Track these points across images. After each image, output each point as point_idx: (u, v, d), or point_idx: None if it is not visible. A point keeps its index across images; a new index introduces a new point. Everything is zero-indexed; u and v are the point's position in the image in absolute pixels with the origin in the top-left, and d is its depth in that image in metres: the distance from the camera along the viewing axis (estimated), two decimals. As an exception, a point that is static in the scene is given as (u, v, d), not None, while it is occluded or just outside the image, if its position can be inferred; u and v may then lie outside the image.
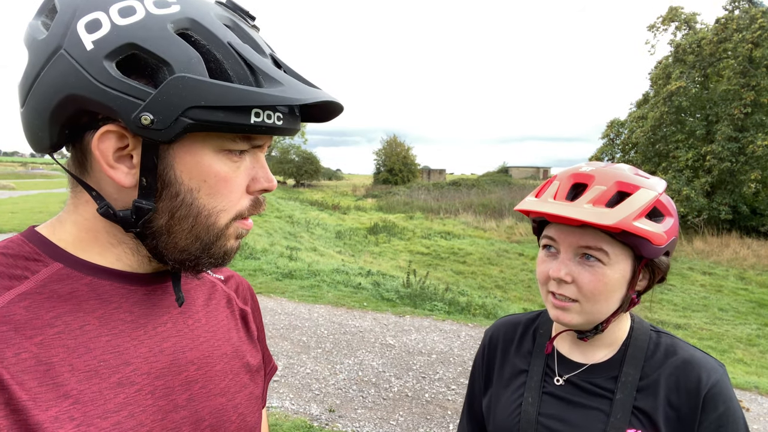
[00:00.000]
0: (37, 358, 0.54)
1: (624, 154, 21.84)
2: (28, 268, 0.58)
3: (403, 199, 29.78)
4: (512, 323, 1.13)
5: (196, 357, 0.68)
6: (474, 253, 15.76)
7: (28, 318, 0.55)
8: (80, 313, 0.58)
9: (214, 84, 0.54)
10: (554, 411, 0.94)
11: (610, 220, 0.81)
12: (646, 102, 21.68)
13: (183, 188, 0.58)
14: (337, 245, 15.79)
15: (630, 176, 0.89)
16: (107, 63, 0.53)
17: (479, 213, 22.80)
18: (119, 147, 0.57)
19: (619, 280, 0.88)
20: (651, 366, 0.91)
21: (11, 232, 10.49)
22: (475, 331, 5.95)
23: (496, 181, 37.08)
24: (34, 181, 32.88)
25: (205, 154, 0.58)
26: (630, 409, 0.88)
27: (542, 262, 0.94)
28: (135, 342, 0.62)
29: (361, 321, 6.14)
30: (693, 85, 19.24)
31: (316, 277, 8.25)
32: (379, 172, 47.27)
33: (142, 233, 0.60)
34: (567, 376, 0.97)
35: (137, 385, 0.60)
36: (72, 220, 0.62)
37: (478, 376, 1.13)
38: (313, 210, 24.18)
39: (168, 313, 0.67)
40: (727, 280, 12.80)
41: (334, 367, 4.74)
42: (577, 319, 0.90)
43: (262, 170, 0.65)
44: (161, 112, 0.53)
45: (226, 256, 0.65)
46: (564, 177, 0.92)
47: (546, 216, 0.89)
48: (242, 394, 0.74)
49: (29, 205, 15.74)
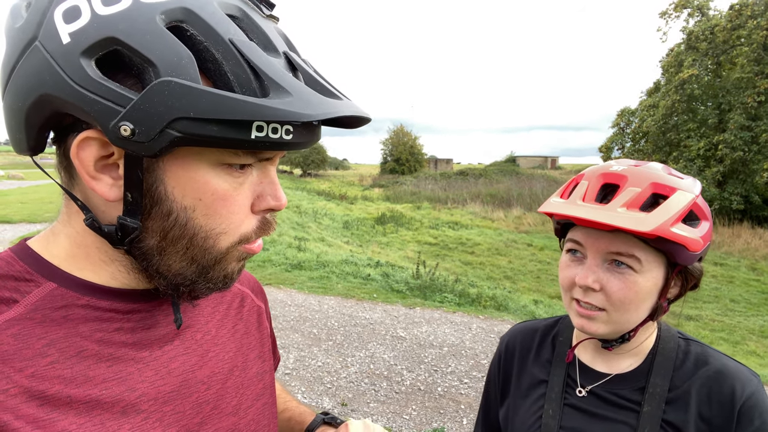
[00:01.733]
0: (29, 393, 0.48)
1: (634, 143, 21.65)
2: (18, 290, 0.52)
3: (410, 189, 29.71)
4: (529, 330, 1.07)
5: (206, 375, 0.63)
6: (482, 243, 15.70)
7: (17, 348, 0.49)
8: (76, 338, 0.53)
9: (205, 92, 0.45)
10: (576, 424, 0.90)
11: (647, 227, 0.75)
12: (657, 90, 21.43)
13: (176, 206, 0.51)
14: (344, 235, 15.78)
15: (665, 177, 0.83)
16: (85, 60, 0.45)
17: (487, 203, 22.71)
18: (103, 155, 0.49)
19: (650, 289, 0.83)
20: (680, 376, 0.86)
21: (21, 222, 10.55)
22: (486, 324, 5.91)
23: (503, 170, 36.91)
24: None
25: (200, 168, 0.50)
26: (659, 423, 0.83)
27: (566, 267, 0.89)
28: (140, 365, 0.56)
29: (371, 313, 6.12)
30: (705, 73, 18.99)
31: (325, 268, 8.24)
32: (386, 161, 47.19)
33: (131, 252, 0.54)
34: (590, 387, 0.92)
35: (143, 413, 0.55)
36: (65, 233, 0.56)
37: (493, 385, 1.09)
38: (320, 200, 24.17)
39: (174, 329, 0.62)
40: (739, 270, 12.68)
41: (346, 359, 4.73)
42: (604, 328, 0.85)
43: (270, 186, 0.57)
44: (143, 122, 0.45)
45: (227, 279, 0.58)
46: (593, 177, 0.86)
47: (575, 220, 0.84)
48: (254, 408, 0.69)
49: (39, 196, 15.81)
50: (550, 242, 16.04)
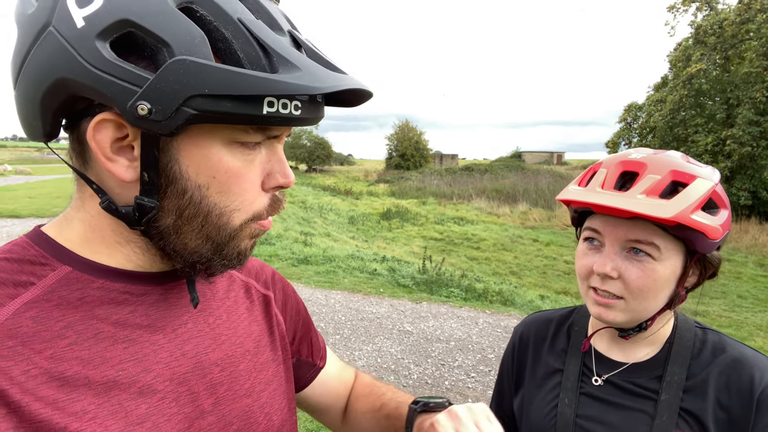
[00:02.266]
0: (49, 374, 0.49)
1: (641, 138, 21.50)
2: (33, 273, 0.53)
3: (416, 185, 29.67)
4: (544, 320, 1.08)
5: (219, 357, 0.64)
6: (488, 238, 15.68)
7: (36, 330, 0.50)
8: (93, 320, 0.54)
9: (219, 69, 0.46)
10: (593, 413, 0.90)
11: (667, 213, 0.76)
12: (664, 85, 21.25)
13: (190, 185, 0.52)
14: (350, 231, 15.80)
15: (685, 165, 0.83)
16: (100, 43, 0.46)
17: (492, 198, 22.66)
18: (118, 137, 0.51)
19: (669, 277, 0.83)
20: (698, 365, 0.86)
21: (30, 217, 10.63)
22: (493, 318, 5.92)
23: (509, 166, 36.81)
24: (50, 166, 33.25)
25: (214, 146, 0.52)
26: (677, 411, 0.83)
27: (584, 256, 0.89)
28: (154, 347, 0.57)
29: (377, 307, 6.14)
30: (714, 67, 18.80)
31: (332, 262, 8.26)
32: (391, 157, 47.15)
33: (148, 232, 0.55)
34: (606, 376, 0.92)
35: (160, 393, 0.56)
36: (79, 218, 0.57)
37: (507, 375, 1.09)
38: (326, 195, 24.19)
39: (187, 312, 0.63)
40: (746, 266, 12.61)
41: (353, 353, 4.75)
42: (621, 317, 0.85)
43: (278, 164, 0.58)
44: (160, 101, 0.46)
45: (240, 256, 0.59)
46: (612, 164, 0.86)
47: (594, 207, 0.84)
48: (267, 392, 0.70)
49: (47, 190, 15.92)
50: (555, 238, 16.00)
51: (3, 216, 10.89)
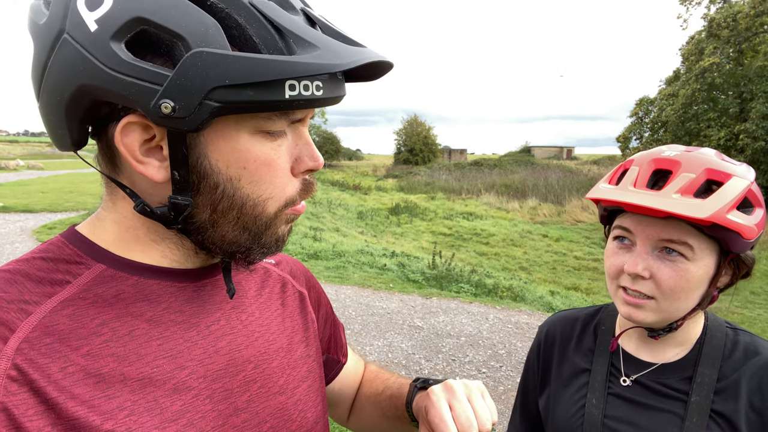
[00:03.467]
0: (86, 371, 0.50)
1: (653, 132, 21.30)
2: (69, 272, 0.54)
3: (424, 180, 29.63)
4: (570, 319, 1.06)
5: (252, 355, 0.64)
6: (497, 234, 15.63)
7: (72, 327, 0.51)
8: (128, 317, 0.54)
9: (238, 57, 0.46)
10: (621, 413, 0.89)
11: (703, 213, 0.74)
12: (676, 79, 21.02)
13: (222, 178, 0.52)
14: (359, 226, 15.81)
15: (720, 163, 0.81)
16: (115, 45, 0.45)
17: (502, 194, 22.57)
18: (146, 139, 0.51)
19: (701, 277, 0.81)
20: (729, 366, 0.85)
21: (43, 212, 10.74)
22: (503, 314, 5.90)
23: (518, 161, 36.62)
24: (62, 161, 33.56)
25: (241, 137, 0.52)
26: (707, 412, 0.82)
27: (613, 255, 0.88)
28: (188, 344, 0.58)
29: (387, 302, 6.15)
30: (727, 61, 18.56)
31: (341, 258, 8.28)
32: (400, 152, 47.06)
33: (185, 229, 0.55)
34: (635, 377, 0.91)
35: (194, 390, 0.56)
36: (111, 219, 0.58)
37: (532, 373, 1.08)
38: (335, 190, 24.21)
39: (220, 309, 0.63)
40: (759, 262, 12.47)
41: (364, 348, 4.76)
42: (652, 317, 0.84)
43: (306, 147, 0.58)
44: (182, 98, 0.46)
45: (279, 243, 0.60)
46: (644, 162, 0.84)
47: (627, 206, 0.82)
48: (301, 389, 0.70)
49: (59, 185, 16.07)
50: (565, 233, 15.92)
51: (16, 210, 10.99)
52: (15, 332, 0.48)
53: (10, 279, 0.52)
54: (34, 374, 0.47)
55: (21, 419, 0.45)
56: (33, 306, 0.51)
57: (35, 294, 0.52)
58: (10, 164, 24.73)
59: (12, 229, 9.08)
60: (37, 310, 0.50)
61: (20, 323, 0.49)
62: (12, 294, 0.51)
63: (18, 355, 0.47)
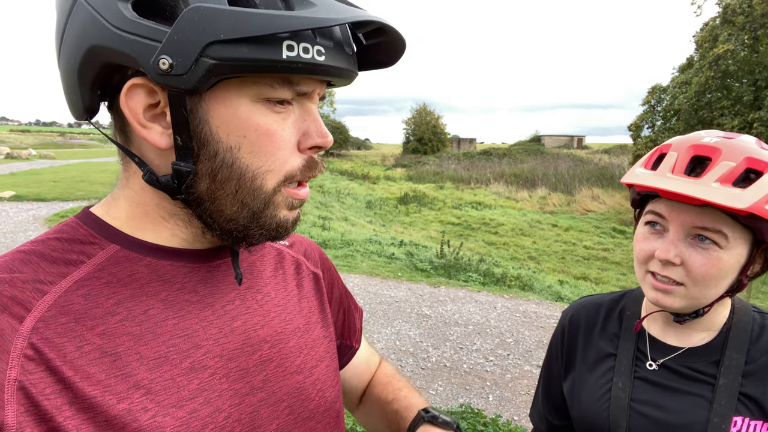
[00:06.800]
0: (102, 350, 0.50)
1: (665, 121, 21.03)
2: (83, 252, 0.54)
3: (433, 169, 29.57)
4: (594, 304, 1.06)
5: (268, 334, 0.64)
6: (506, 223, 15.59)
7: (87, 307, 0.51)
8: (143, 297, 0.54)
9: (233, 11, 0.46)
10: (648, 397, 0.89)
11: (743, 204, 0.73)
12: (690, 66, 20.69)
13: (221, 146, 0.52)
14: (367, 215, 15.83)
15: (760, 152, 0.80)
16: (121, 4, 0.47)
17: (511, 183, 22.47)
18: (150, 104, 0.51)
19: (733, 265, 0.81)
20: (758, 350, 0.84)
21: (54, 200, 10.85)
22: (511, 303, 5.91)
23: (528, 150, 36.39)
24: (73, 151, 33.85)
25: (242, 104, 0.51)
26: (736, 395, 0.82)
27: (644, 240, 0.87)
28: (204, 323, 0.58)
29: (396, 291, 6.17)
30: (742, 48, 18.21)
31: (350, 246, 8.30)
32: (409, 141, 46.92)
33: (188, 200, 0.55)
34: (661, 361, 0.90)
35: (210, 369, 0.56)
36: (124, 196, 0.58)
37: (556, 358, 1.08)
38: (343, 180, 24.23)
39: (235, 289, 0.63)
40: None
41: (372, 336, 4.79)
42: (680, 303, 0.84)
43: (314, 123, 0.56)
44: (179, 54, 0.46)
45: (280, 228, 0.58)
46: (683, 148, 0.83)
47: (664, 193, 0.81)
48: (319, 368, 0.70)
49: (70, 174, 16.22)
50: (575, 223, 15.83)
51: (29, 199, 11.12)
52: (31, 311, 0.49)
53: (26, 259, 0.53)
54: (50, 353, 0.47)
55: (39, 398, 0.46)
56: (48, 286, 0.51)
57: (50, 274, 0.52)
58: (22, 153, 24.98)
59: (25, 217, 9.20)
60: (53, 290, 0.51)
61: (36, 302, 0.49)
62: (27, 274, 0.51)
63: (34, 334, 0.48)
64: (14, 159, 23.68)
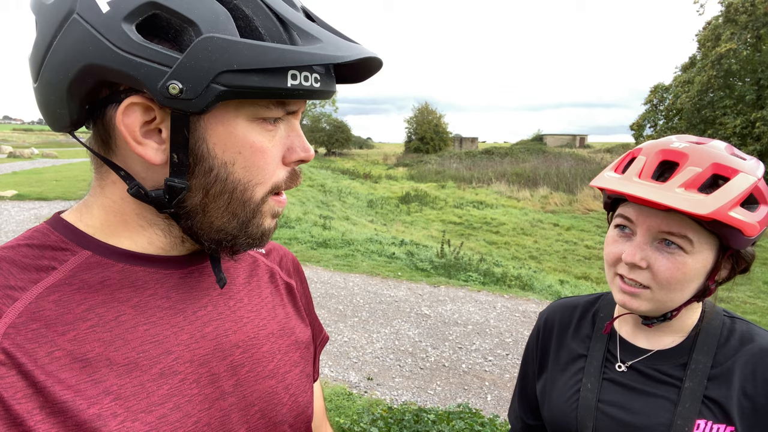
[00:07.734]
0: (72, 355, 0.50)
1: (667, 120, 21.01)
2: (55, 258, 0.54)
3: (435, 168, 29.55)
4: (569, 306, 1.07)
5: (240, 340, 0.64)
6: (507, 223, 15.58)
7: (58, 313, 0.51)
8: (114, 303, 0.55)
9: (246, 44, 0.48)
10: (615, 398, 0.90)
11: (704, 210, 0.73)
12: (692, 65, 20.65)
13: (217, 162, 0.53)
14: (369, 214, 15.84)
15: (728, 157, 0.80)
16: (126, 26, 0.47)
17: (513, 182, 22.44)
18: (146, 120, 0.52)
19: (699, 270, 0.81)
20: (724, 354, 0.85)
21: (57, 200, 10.89)
22: (511, 303, 5.91)
23: (530, 149, 36.38)
24: (76, 150, 33.89)
25: (239, 123, 0.53)
26: (700, 399, 0.82)
27: (613, 243, 0.88)
28: (175, 329, 0.58)
29: (395, 290, 6.17)
30: (744, 47, 18.17)
31: (350, 246, 8.31)
32: (410, 140, 46.94)
33: (176, 213, 0.56)
34: (630, 363, 0.91)
35: (180, 375, 0.57)
36: (99, 204, 0.58)
37: (531, 359, 1.09)
38: (345, 179, 24.24)
39: (207, 295, 0.63)
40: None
41: (371, 335, 4.80)
42: (646, 306, 0.84)
43: (298, 139, 0.60)
44: (190, 80, 0.48)
45: (264, 236, 0.61)
46: (651, 153, 0.84)
47: (628, 197, 0.82)
48: (293, 374, 0.71)
49: (73, 173, 16.26)
50: (576, 222, 15.82)
51: (31, 198, 11.16)
52: (1, 318, 0.49)
53: None
54: (21, 358, 0.48)
55: (10, 402, 0.46)
56: (19, 292, 0.51)
57: (21, 280, 0.52)
58: (25, 152, 25.03)
59: (27, 216, 9.23)
60: (24, 296, 0.51)
61: (6, 309, 0.50)
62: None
63: (5, 339, 0.48)
64: (17, 158, 23.75)
